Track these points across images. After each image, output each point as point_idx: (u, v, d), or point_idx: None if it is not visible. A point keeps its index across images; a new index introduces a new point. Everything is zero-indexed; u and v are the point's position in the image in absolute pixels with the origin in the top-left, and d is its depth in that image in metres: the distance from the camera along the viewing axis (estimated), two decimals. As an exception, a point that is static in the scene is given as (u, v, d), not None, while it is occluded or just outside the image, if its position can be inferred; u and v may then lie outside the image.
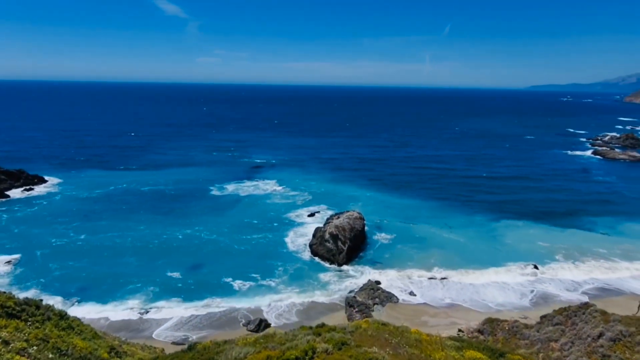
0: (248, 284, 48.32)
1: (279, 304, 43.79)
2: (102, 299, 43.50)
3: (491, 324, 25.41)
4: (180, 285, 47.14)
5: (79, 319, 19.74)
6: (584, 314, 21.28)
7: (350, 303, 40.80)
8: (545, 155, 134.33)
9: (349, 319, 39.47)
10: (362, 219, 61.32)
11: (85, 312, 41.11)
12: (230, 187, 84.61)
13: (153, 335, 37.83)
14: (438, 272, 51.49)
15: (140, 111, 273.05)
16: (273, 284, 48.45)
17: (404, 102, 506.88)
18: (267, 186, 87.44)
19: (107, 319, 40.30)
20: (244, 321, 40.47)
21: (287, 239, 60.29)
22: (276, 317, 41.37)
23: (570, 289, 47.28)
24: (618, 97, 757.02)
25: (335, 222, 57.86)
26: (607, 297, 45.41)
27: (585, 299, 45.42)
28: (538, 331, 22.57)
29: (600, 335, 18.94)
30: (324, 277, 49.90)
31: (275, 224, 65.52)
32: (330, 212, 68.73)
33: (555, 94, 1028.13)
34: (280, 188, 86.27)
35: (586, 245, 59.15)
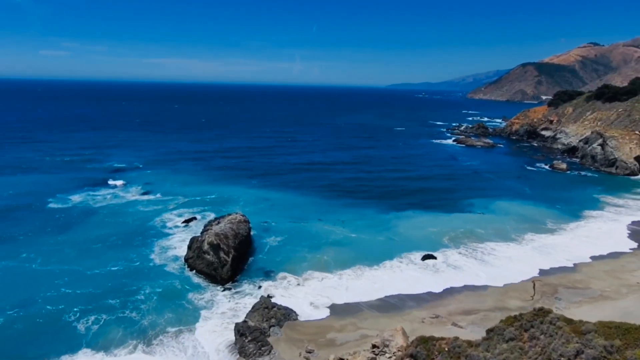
0: (103, 318, 36.70)
1: (143, 345, 33.32)
2: None
3: (425, 344, 20.04)
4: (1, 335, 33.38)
5: None
6: (542, 323, 17.11)
7: (240, 331, 32.53)
8: (418, 145, 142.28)
9: (241, 353, 31.24)
10: (246, 221, 53.19)
11: None
12: (78, 198, 67.97)
13: None
14: (336, 274, 46.22)
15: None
16: (137, 316, 37.54)
17: (280, 99, 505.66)
18: (129, 193, 73.09)
19: None
20: (93, 380, 29.32)
21: (155, 255, 48.98)
22: (142, 366, 31.01)
23: (469, 275, 45.96)
24: (460, 94, 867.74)
25: (215, 228, 48.68)
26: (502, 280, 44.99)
27: (483, 282, 44.53)
28: (488, 350, 17.72)
29: (578, 353, 14.68)
30: (204, 298, 40.57)
31: (139, 238, 53.29)
32: (209, 217, 59.17)
33: (411, 91, 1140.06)
34: (146, 194, 72.92)
35: (471, 227, 59.91)
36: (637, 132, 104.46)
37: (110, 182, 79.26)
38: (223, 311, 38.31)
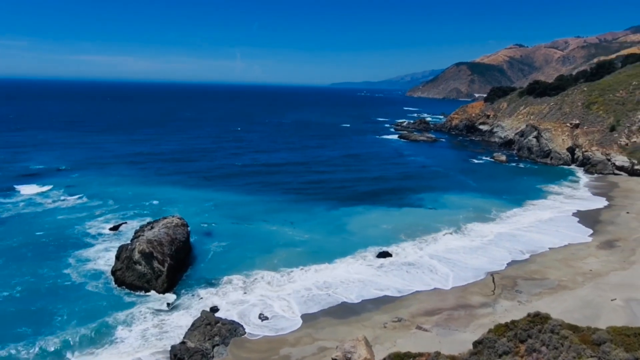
0: (5, 352, 30.25)
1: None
2: None
3: (400, 364, 16.69)
4: None
5: None
6: (541, 332, 14.40)
7: (178, 355, 27.61)
8: (364, 142, 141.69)
9: (177, 383, 26.32)
10: (184, 225, 47.73)
11: None
12: (-19, 207, 58.52)
13: None
14: (287, 279, 42.31)
15: None
16: (51, 342, 31.35)
17: (222, 98, 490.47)
18: (48, 199, 64.21)
19: None
20: None
21: (72, 269, 42.09)
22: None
23: (427, 272, 43.82)
24: (400, 92, 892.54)
25: (148, 234, 42.90)
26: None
27: (442, 279, 42.57)
28: (478, 369, 14.64)
29: (596, 371, 11.99)
30: (135, 316, 34.87)
31: (53, 249, 45.88)
32: (143, 221, 52.77)
33: (353, 89, 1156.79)
34: (70, 199, 64.52)
35: (424, 222, 58.43)
36: (568, 125, 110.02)
37: (24, 187, 69.31)
38: (159, 331, 32.92)
